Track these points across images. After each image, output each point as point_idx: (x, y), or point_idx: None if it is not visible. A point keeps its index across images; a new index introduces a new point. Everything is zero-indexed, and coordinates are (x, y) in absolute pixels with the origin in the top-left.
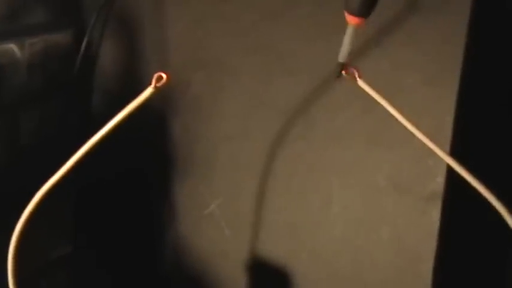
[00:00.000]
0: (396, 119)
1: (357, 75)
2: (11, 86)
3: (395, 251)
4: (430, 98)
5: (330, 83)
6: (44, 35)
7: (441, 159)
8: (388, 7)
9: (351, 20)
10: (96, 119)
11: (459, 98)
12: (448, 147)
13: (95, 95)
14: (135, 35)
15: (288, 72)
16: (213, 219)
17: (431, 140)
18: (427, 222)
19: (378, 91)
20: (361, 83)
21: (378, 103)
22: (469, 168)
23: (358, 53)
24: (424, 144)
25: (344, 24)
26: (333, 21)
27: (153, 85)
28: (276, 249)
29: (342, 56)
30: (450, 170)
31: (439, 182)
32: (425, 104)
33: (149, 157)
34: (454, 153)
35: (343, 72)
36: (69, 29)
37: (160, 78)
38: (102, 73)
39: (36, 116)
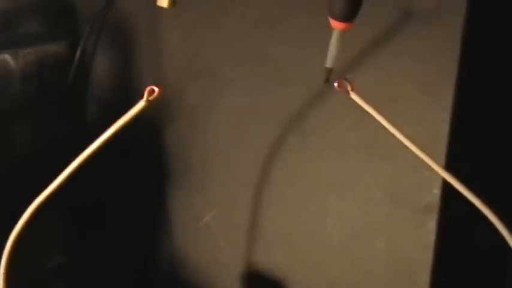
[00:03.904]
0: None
1: (349, 88)
2: (4, 96)
3: (391, 263)
4: (425, 107)
5: (325, 93)
6: (38, 45)
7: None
8: (382, 17)
9: (336, 25)
10: (91, 129)
11: (454, 107)
12: (443, 156)
13: (89, 105)
14: (130, 45)
15: (283, 82)
16: (208, 230)
17: (427, 150)
18: (423, 234)
19: (371, 103)
20: (353, 96)
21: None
22: (464, 179)
23: (352, 62)
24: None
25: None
26: (328, 31)
27: (145, 99)
28: (271, 260)
29: (329, 61)
30: (446, 181)
31: (435, 193)
32: (420, 113)
33: (143, 167)
34: (449, 162)
35: (336, 85)
36: (64, 39)
37: (152, 91)
38: (96, 83)
39: (30, 126)
